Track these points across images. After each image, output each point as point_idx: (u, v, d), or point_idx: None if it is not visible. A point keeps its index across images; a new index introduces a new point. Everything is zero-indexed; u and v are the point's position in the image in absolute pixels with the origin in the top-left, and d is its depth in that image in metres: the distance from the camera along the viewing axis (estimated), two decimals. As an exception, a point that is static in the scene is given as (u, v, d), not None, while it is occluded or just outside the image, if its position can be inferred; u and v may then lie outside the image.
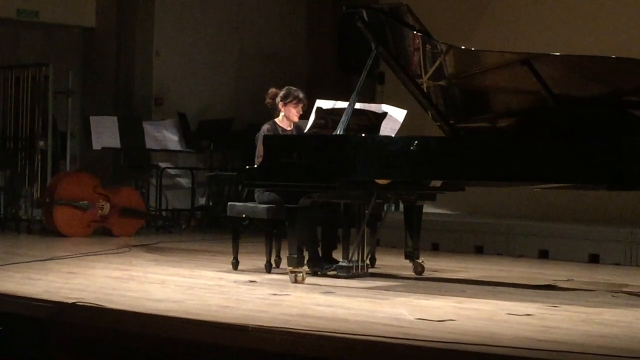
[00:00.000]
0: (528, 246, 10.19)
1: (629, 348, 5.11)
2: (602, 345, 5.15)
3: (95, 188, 11.47)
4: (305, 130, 7.95)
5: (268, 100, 8.35)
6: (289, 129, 8.23)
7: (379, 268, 8.53)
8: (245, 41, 14.16)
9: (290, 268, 7.51)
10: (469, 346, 4.97)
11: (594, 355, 4.85)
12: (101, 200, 11.44)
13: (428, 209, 9.38)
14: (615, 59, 7.02)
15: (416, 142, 7.13)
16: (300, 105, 8.21)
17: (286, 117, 8.23)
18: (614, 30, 11.32)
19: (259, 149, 7.89)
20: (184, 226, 12.77)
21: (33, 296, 6.43)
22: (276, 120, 8.28)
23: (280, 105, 8.24)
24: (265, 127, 8.19)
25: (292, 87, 8.31)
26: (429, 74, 7.74)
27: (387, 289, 7.36)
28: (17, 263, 8.37)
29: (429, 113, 8.00)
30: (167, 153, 13.08)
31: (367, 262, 8.13)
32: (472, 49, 7.52)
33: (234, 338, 5.42)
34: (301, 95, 8.22)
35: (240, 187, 9.24)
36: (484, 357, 4.84)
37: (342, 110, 7.63)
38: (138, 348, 5.83)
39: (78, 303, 6.11)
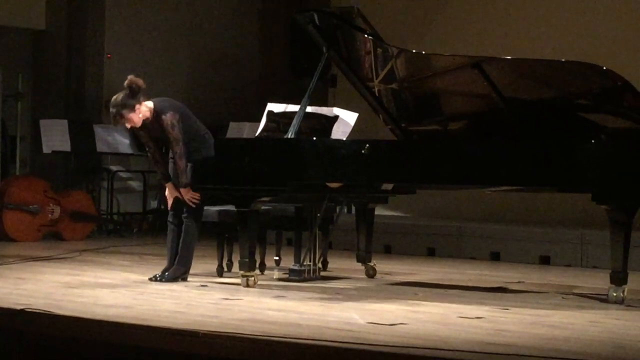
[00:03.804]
0: (480, 248, 10.24)
1: (578, 351, 5.14)
2: (553, 347, 5.17)
3: (45, 192, 11.37)
4: (257, 134, 7.93)
5: None
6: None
7: (331, 271, 8.52)
8: (197, 44, 14.10)
9: (242, 272, 7.49)
10: (420, 350, 4.97)
11: (544, 359, 4.87)
12: (51, 204, 11.34)
13: (380, 211, 9.40)
14: (565, 62, 7.07)
15: (368, 145, 7.13)
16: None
17: None
18: (565, 33, 11.41)
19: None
20: (135, 230, 12.70)
21: (-20, 303, 6.36)
22: None
23: None
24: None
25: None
26: (380, 78, 7.76)
27: (338, 292, 7.35)
28: (-34, 269, 8.28)
29: (381, 116, 8.02)
30: (119, 156, 13.00)
31: (319, 265, 8.13)
32: (423, 52, 7.55)
33: (184, 344, 5.38)
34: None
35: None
36: (434, 361, 4.85)
37: (293, 113, 7.61)
38: (88, 355, 5.79)
39: (27, 309, 6.04)
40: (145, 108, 7.58)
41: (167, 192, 7.81)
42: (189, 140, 7.62)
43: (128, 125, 7.62)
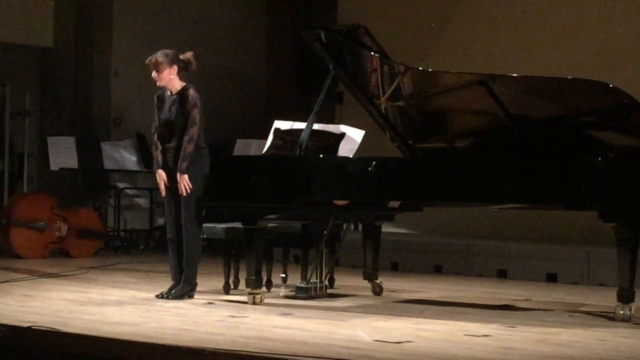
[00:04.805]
0: (486, 266, 10.22)
1: (585, 369, 5.13)
2: (559, 366, 5.17)
3: (52, 209, 11.38)
4: (264, 151, 7.93)
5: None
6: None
7: (338, 289, 8.51)
8: (203, 60, 14.03)
9: (249, 290, 7.48)
10: (426, 368, 4.97)
11: (551, 377, 4.87)
12: (59, 221, 11.35)
13: (387, 228, 9.39)
14: (571, 80, 7.08)
15: (374, 162, 7.14)
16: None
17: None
18: (571, 51, 11.41)
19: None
20: (142, 247, 12.71)
21: (-13, 320, 6.36)
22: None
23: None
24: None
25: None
26: (387, 95, 7.77)
27: (345, 310, 7.34)
28: (-28, 286, 8.29)
29: (387, 134, 8.02)
30: (126, 173, 13.02)
31: (326, 282, 8.13)
32: (430, 70, 7.55)
33: (191, 361, 5.38)
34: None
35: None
36: (441, 379, 4.85)
37: (300, 131, 7.62)
38: (94, 372, 5.79)
39: (33, 327, 6.04)
40: (177, 81, 7.87)
41: (157, 179, 7.81)
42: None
43: (154, 74, 7.83)
